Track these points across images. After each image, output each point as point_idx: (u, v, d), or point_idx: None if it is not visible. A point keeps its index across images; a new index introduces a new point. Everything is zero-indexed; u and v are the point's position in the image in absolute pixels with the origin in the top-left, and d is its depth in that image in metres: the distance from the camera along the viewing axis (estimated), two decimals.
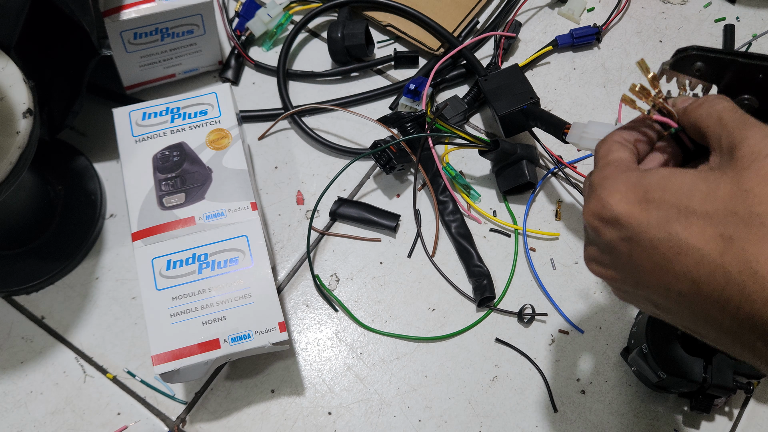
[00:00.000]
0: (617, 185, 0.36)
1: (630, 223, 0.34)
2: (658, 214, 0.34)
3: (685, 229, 0.33)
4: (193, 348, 0.52)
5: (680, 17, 0.75)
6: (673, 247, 0.33)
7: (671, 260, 0.33)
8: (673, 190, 0.34)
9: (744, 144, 0.33)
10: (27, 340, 0.60)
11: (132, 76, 0.67)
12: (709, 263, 0.32)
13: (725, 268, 0.31)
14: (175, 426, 0.58)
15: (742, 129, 0.34)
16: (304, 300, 0.62)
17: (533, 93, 0.63)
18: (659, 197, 0.34)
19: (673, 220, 0.33)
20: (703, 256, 0.32)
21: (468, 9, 0.73)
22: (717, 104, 0.37)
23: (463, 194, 0.66)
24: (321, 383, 0.59)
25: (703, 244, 0.32)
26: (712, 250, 0.32)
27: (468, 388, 0.59)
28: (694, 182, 0.34)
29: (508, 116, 0.63)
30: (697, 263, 0.32)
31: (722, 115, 0.36)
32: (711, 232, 0.32)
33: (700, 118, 0.37)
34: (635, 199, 0.35)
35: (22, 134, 0.50)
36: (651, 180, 0.35)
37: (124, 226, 0.65)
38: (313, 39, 0.74)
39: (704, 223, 0.32)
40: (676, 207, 0.33)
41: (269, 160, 0.68)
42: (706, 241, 0.32)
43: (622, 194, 0.35)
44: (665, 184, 0.34)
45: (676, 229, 0.33)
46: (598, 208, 0.36)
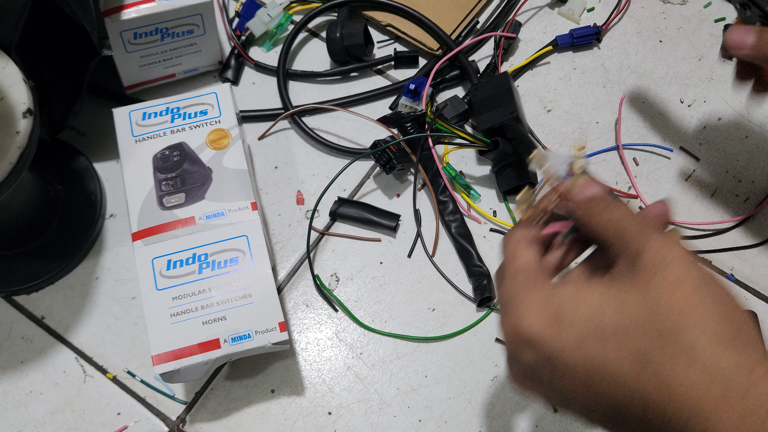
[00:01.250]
0: (529, 303, 0.34)
1: (546, 345, 0.33)
2: (572, 333, 0.32)
3: (601, 349, 0.32)
4: (193, 348, 0.52)
5: (680, 17, 0.75)
6: (590, 371, 0.32)
7: (591, 383, 0.32)
8: (585, 308, 0.33)
9: (645, 254, 0.33)
10: (27, 340, 0.60)
11: (132, 76, 0.67)
12: (627, 386, 0.31)
13: (643, 390, 0.31)
14: (175, 426, 0.58)
15: (642, 238, 0.33)
16: (304, 300, 0.62)
17: (514, 107, 0.63)
18: (572, 316, 0.33)
19: (589, 340, 0.32)
20: (620, 377, 0.31)
21: (468, 9, 0.73)
22: (615, 212, 0.35)
23: (463, 194, 0.66)
24: (321, 383, 0.59)
25: (620, 365, 0.31)
26: (628, 371, 0.31)
27: (468, 388, 0.59)
28: (605, 298, 0.33)
29: (489, 131, 0.63)
30: (616, 386, 0.31)
31: (620, 225, 0.35)
32: (626, 351, 0.31)
33: (598, 228, 0.36)
34: (549, 318, 0.33)
35: (22, 134, 0.50)
36: (562, 297, 0.34)
37: (124, 226, 0.65)
38: (312, 39, 0.74)
39: (618, 341, 0.31)
40: (590, 326, 0.32)
41: (269, 160, 0.68)
42: (622, 361, 0.31)
43: (536, 314, 0.34)
44: (577, 302, 0.33)
45: (592, 351, 0.32)
46: (514, 327, 0.34)
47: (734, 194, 0.67)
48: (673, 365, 0.30)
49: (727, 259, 0.64)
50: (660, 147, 0.69)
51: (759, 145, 0.69)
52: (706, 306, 0.31)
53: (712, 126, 0.70)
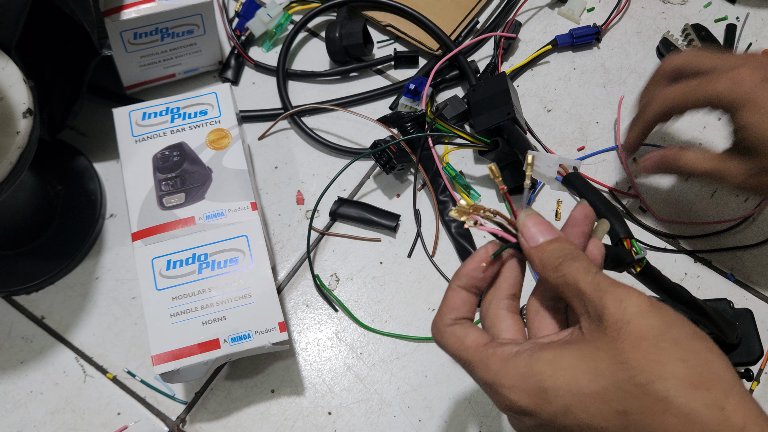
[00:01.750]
0: (511, 380, 0.35)
1: (540, 414, 0.35)
2: (558, 404, 0.34)
3: (585, 411, 0.33)
4: (193, 348, 0.52)
5: (680, 17, 0.75)
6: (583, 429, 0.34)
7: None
8: (562, 375, 0.34)
9: (606, 313, 0.34)
10: (27, 340, 0.60)
11: (132, 76, 0.67)
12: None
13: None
14: (175, 426, 0.58)
15: (600, 296, 0.34)
16: (304, 300, 0.62)
17: (511, 108, 0.63)
18: (552, 385, 0.34)
19: (573, 406, 0.34)
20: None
21: (468, 9, 0.73)
22: (571, 269, 0.36)
23: (463, 194, 0.66)
24: (321, 383, 0.59)
25: (605, 424, 0.33)
26: (614, 428, 0.33)
27: (468, 388, 0.59)
28: (577, 362, 0.34)
29: (486, 132, 0.63)
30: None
31: (578, 282, 0.35)
32: (607, 410, 0.33)
33: (558, 286, 0.37)
34: (533, 392, 0.35)
35: (22, 134, 0.50)
36: (538, 368, 0.35)
37: (124, 226, 0.65)
38: (312, 39, 0.74)
39: (599, 403, 0.33)
40: (570, 392, 0.34)
41: (269, 160, 0.68)
42: (607, 420, 0.33)
43: (520, 390, 0.35)
44: (552, 370, 0.34)
45: (578, 415, 0.33)
46: (507, 405, 0.36)
47: (734, 194, 0.67)
48: (651, 416, 0.32)
49: (727, 259, 0.64)
50: (660, 147, 0.69)
51: None
52: (670, 354, 0.32)
53: (712, 126, 0.70)
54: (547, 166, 0.46)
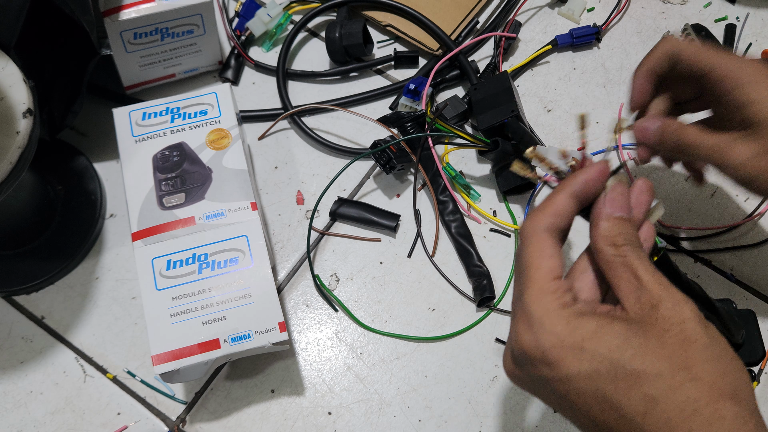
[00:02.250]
0: (555, 327, 0.36)
1: (561, 369, 0.35)
2: (589, 366, 0.34)
3: (613, 385, 0.34)
4: (193, 348, 0.52)
5: (680, 17, 0.75)
6: (599, 400, 0.34)
7: (593, 409, 0.35)
8: (607, 343, 0.35)
9: (663, 305, 0.35)
10: (27, 340, 0.60)
11: (132, 76, 0.67)
12: (630, 421, 0.33)
13: (645, 428, 0.33)
14: (175, 426, 0.58)
15: (660, 289, 0.35)
16: (304, 300, 0.62)
17: (515, 106, 0.63)
18: (593, 348, 0.35)
19: (603, 374, 0.34)
20: (625, 414, 0.34)
21: (468, 9, 0.73)
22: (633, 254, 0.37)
23: (463, 194, 0.66)
24: (321, 383, 0.59)
25: (627, 402, 0.34)
26: (634, 410, 0.33)
27: (468, 388, 0.59)
28: (626, 337, 0.35)
29: (489, 130, 0.64)
30: (618, 419, 0.34)
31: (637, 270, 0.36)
32: (636, 392, 0.33)
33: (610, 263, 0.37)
34: (570, 345, 0.35)
35: (22, 134, 0.50)
36: (588, 327, 0.35)
37: (124, 226, 0.65)
38: (312, 39, 0.74)
39: (631, 382, 0.34)
40: (608, 361, 0.34)
41: (269, 160, 0.68)
42: (630, 399, 0.33)
43: (559, 338, 0.35)
44: (600, 334, 0.35)
45: (604, 384, 0.34)
46: (533, 345, 0.36)
47: (734, 194, 0.67)
48: (680, 413, 0.33)
49: (727, 259, 0.64)
50: None
51: None
52: (711, 364, 0.34)
53: None
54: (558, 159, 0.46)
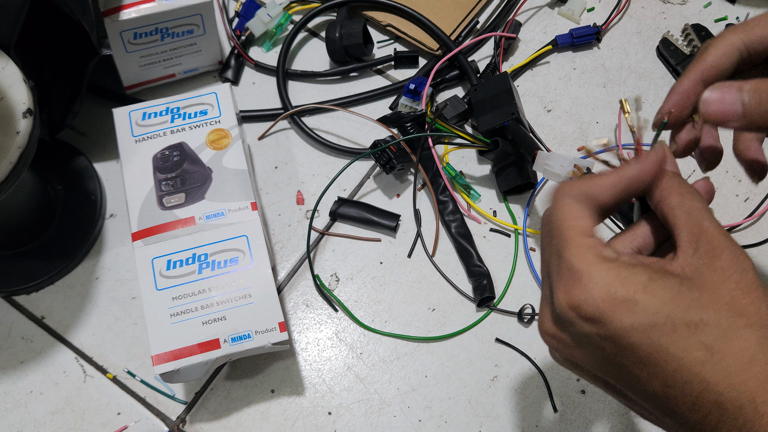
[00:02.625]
0: (603, 280, 0.34)
1: (612, 324, 0.34)
2: (642, 318, 0.33)
3: (669, 337, 0.33)
4: (193, 348, 0.52)
5: (680, 17, 0.75)
6: (653, 353, 0.33)
7: (647, 364, 0.33)
8: (660, 295, 0.33)
9: (723, 256, 0.34)
10: (27, 340, 0.60)
11: (132, 76, 0.67)
12: (687, 371, 0.33)
13: (703, 377, 0.32)
14: (175, 426, 0.58)
15: (721, 240, 0.35)
16: (304, 300, 0.62)
17: (515, 108, 0.63)
18: (645, 300, 0.33)
19: (658, 327, 0.33)
20: (683, 365, 0.33)
21: (468, 9, 0.73)
22: (699, 203, 0.36)
23: (463, 194, 0.66)
24: (321, 383, 0.59)
25: (685, 354, 0.33)
26: (693, 360, 0.33)
27: (468, 388, 0.59)
28: (680, 290, 0.34)
29: (490, 133, 0.64)
30: (675, 371, 0.33)
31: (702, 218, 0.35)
32: (693, 342, 0.33)
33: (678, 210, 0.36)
34: (622, 297, 0.34)
35: (22, 134, 0.50)
36: (638, 279, 0.34)
37: (124, 226, 0.65)
38: (312, 39, 0.74)
39: (688, 332, 0.33)
40: (662, 313, 0.33)
41: (269, 160, 0.68)
42: (688, 350, 0.33)
43: (609, 291, 0.34)
44: (652, 287, 0.34)
45: (658, 337, 0.33)
46: (580, 301, 0.34)
47: (734, 194, 0.67)
48: (738, 361, 0.32)
49: None
50: None
51: None
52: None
53: None
54: (561, 165, 0.46)
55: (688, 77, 0.41)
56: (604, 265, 0.34)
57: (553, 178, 0.47)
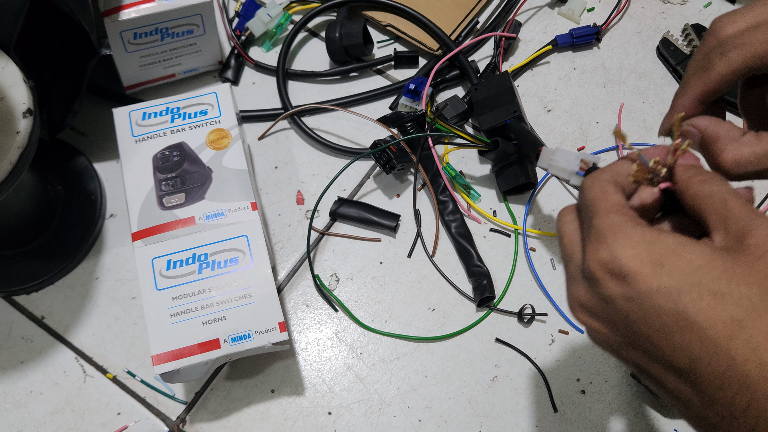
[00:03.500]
0: (632, 239, 0.34)
1: (638, 283, 0.33)
2: (669, 281, 0.32)
3: (695, 304, 0.32)
4: (193, 348, 0.52)
5: (680, 17, 0.75)
6: (679, 320, 0.32)
7: (673, 332, 0.32)
8: (689, 260, 0.33)
9: (755, 233, 0.33)
10: (27, 340, 0.60)
11: (132, 76, 0.67)
12: (713, 344, 0.31)
13: (731, 352, 0.31)
14: (175, 426, 0.58)
15: (751, 217, 0.33)
16: (304, 300, 0.62)
17: (517, 106, 0.63)
18: (674, 264, 0.33)
19: (685, 292, 0.32)
20: (708, 336, 0.31)
21: (468, 9, 0.73)
22: (721, 185, 0.35)
23: (463, 194, 0.66)
24: (321, 383, 0.59)
25: (711, 325, 0.31)
26: (719, 332, 0.31)
27: (468, 388, 0.59)
28: (711, 258, 0.33)
29: (491, 131, 0.64)
30: (701, 341, 0.31)
31: (726, 198, 0.34)
32: (722, 313, 0.31)
33: (702, 195, 0.35)
34: (649, 259, 0.33)
35: (22, 134, 0.50)
36: (667, 242, 0.33)
37: (124, 226, 0.65)
38: (312, 39, 0.74)
39: (716, 302, 0.31)
40: (690, 279, 0.32)
41: (269, 160, 0.68)
42: (715, 321, 0.31)
43: (636, 251, 0.33)
44: (682, 251, 0.33)
45: (685, 302, 0.32)
46: (607, 258, 0.34)
47: None
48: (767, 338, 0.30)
49: None
50: None
51: None
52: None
53: None
54: (567, 161, 0.46)
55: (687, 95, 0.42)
56: (633, 228, 0.34)
57: (560, 173, 0.47)
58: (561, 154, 0.47)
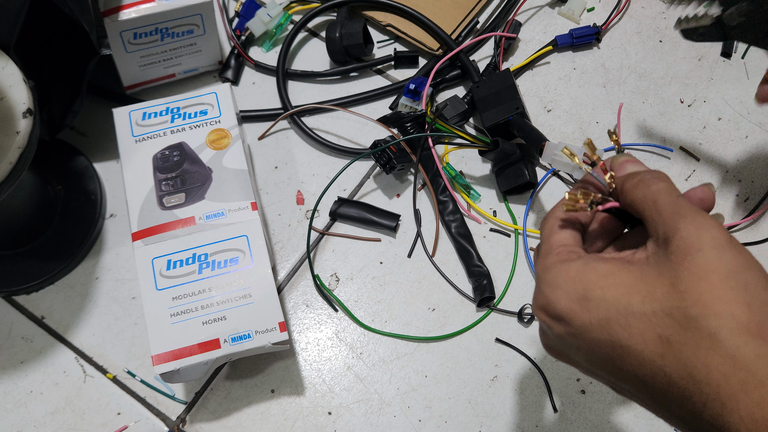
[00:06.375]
0: (557, 279, 0.35)
1: (572, 321, 0.34)
2: (598, 314, 0.33)
3: (625, 330, 0.33)
4: (193, 348, 0.52)
5: None
6: (615, 348, 0.33)
7: (615, 359, 0.33)
8: (613, 290, 0.33)
9: (677, 236, 0.33)
10: (27, 340, 0.60)
11: (132, 76, 0.67)
12: (649, 365, 0.32)
13: (665, 371, 0.31)
14: (175, 426, 0.58)
15: (676, 218, 0.33)
16: (304, 300, 0.62)
17: (520, 103, 0.63)
18: (599, 296, 0.34)
19: (613, 321, 0.33)
20: (643, 358, 0.32)
21: (468, 9, 0.73)
22: (652, 185, 0.35)
23: (463, 194, 0.66)
24: (321, 383, 0.59)
25: (643, 347, 0.32)
26: (651, 353, 0.32)
27: (468, 388, 0.59)
28: (633, 282, 0.33)
29: (494, 127, 0.64)
30: (639, 364, 0.32)
31: (657, 199, 0.35)
32: (650, 334, 0.32)
33: (636, 201, 0.36)
34: (576, 297, 0.34)
35: (22, 134, 0.50)
36: (591, 276, 0.34)
37: (124, 226, 0.65)
38: (312, 39, 0.74)
39: (643, 325, 0.32)
40: (615, 307, 0.33)
41: (269, 160, 0.68)
42: (646, 343, 0.32)
43: (563, 291, 0.35)
44: (604, 282, 0.34)
45: (616, 331, 0.33)
46: (543, 303, 0.36)
47: (734, 194, 0.67)
48: (696, 350, 0.30)
49: None
50: (660, 147, 0.69)
51: (759, 145, 0.69)
52: (733, 295, 0.31)
53: (712, 126, 0.70)
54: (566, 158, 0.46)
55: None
56: (561, 266, 0.36)
57: (564, 168, 0.48)
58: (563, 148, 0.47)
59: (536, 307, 0.37)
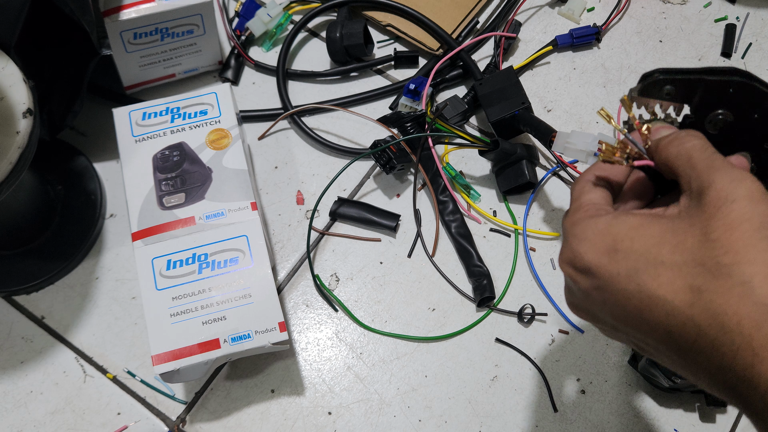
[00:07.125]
0: (586, 233, 0.35)
1: (600, 273, 0.34)
2: (626, 264, 0.33)
3: (654, 280, 0.32)
4: (193, 348, 0.52)
5: (680, 17, 0.75)
6: (644, 299, 0.33)
7: (643, 311, 0.33)
8: (642, 241, 0.33)
9: (711, 189, 0.33)
10: (27, 340, 0.60)
11: (132, 76, 0.67)
12: (679, 315, 0.32)
13: (695, 320, 0.31)
14: (175, 426, 0.58)
15: (710, 172, 0.33)
16: (304, 300, 0.62)
17: (525, 98, 0.63)
18: (627, 247, 0.34)
19: (642, 271, 0.33)
20: (673, 308, 0.32)
21: (468, 9, 0.73)
22: (687, 142, 0.35)
23: (463, 194, 0.66)
24: (321, 383, 0.59)
25: (673, 296, 0.32)
26: (681, 302, 0.32)
27: (468, 388, 0.59)
28: (663, 233, 0.33)
29: (500, 122, 0.64)
30: (668, 314, 0.32)
31: (692, 155, 0.35)
32: (680, 284, 0.32)
33: (671, 157, 0.36)
34: (603, 248, 0.34)
35: (22, 134, 0.50)
36: (620, 229, 0.34)
37: (124, 226, 0.65)
38: (312, 39, 0.74)
39: (672, 274, 0.32)
40: (645, 258, 0.33)
41: (269, 160, 0.68)
42: (675, 292, 0.32)
43: (591, 243, 0.35)
44: (634, 234, 0.34)
45: (644, 281, 0.33)
46: (570, 256, 0.36)
47: None
48: (726, 299, 0.30)
49: None
50: None
51: None
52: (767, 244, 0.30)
53: None
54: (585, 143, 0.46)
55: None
56: (588, 221, 0.36)
57: (578, 156, 0.48)
58: (577, 136, 0.47)
59: (562, 261, 0.37)
